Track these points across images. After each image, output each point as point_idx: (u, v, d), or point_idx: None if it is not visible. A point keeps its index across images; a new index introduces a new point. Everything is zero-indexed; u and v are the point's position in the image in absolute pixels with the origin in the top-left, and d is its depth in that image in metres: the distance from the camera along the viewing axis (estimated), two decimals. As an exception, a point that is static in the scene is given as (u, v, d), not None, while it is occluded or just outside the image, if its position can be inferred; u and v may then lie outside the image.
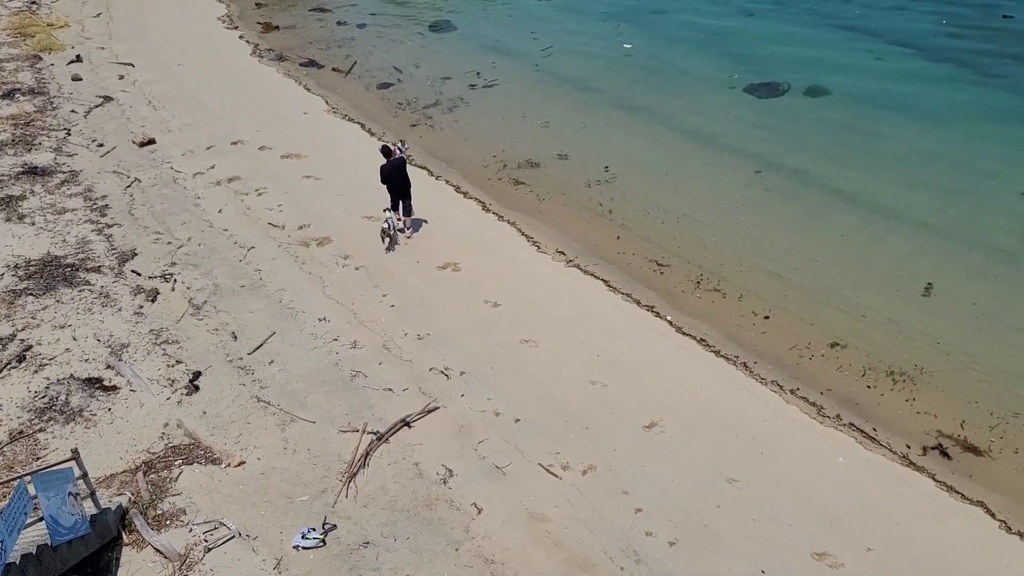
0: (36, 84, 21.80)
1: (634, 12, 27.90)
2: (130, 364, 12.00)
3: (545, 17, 28.38)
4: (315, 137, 20.05)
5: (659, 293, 14.58)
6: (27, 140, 18.51)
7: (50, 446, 10.46)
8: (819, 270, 14.77)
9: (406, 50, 26.31)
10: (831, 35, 24.48)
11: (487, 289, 14.32)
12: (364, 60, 25.66)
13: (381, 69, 24.91)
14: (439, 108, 22.09)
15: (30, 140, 18.55)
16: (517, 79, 23.60)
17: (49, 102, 20.81)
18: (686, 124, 20.19)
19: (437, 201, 17.46)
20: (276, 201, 17.04)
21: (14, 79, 21.87)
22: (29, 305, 13.10)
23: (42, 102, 20.74)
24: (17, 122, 19.32)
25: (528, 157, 19.24)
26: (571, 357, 12.60)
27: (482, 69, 24.19)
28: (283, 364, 12.31)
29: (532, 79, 23.61)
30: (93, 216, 15.91)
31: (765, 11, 26.89)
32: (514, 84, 23.27)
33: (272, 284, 14.27)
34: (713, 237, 15.92)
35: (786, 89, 21.37)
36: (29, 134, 18.82)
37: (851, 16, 25.56)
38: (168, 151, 18.98)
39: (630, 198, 17.37)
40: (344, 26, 28.83)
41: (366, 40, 27.45)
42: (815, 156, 18.24)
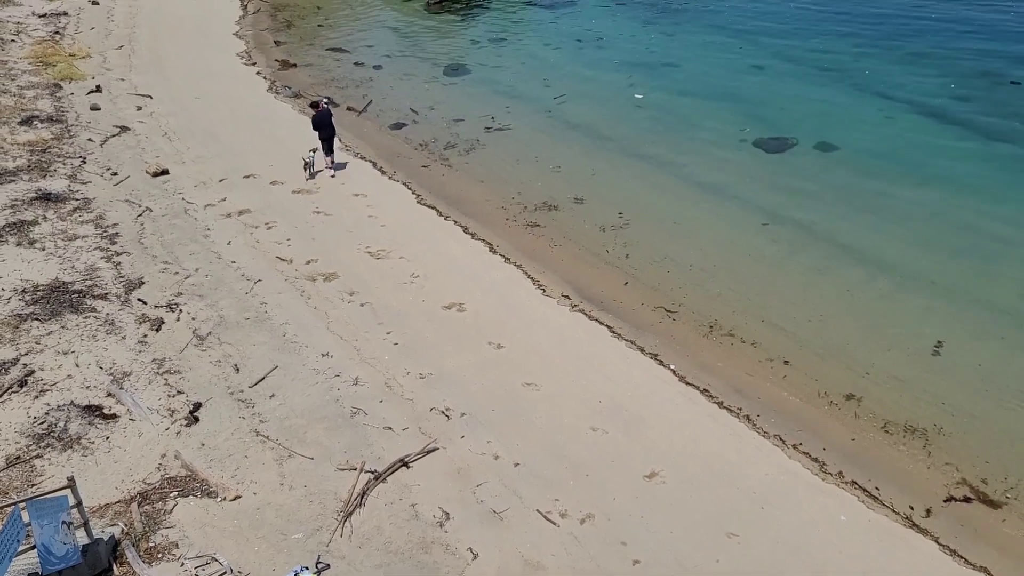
0: (55, 112, 22.11)
1: (646, 64, 28.27)
2: (131, 393, 11.97)
3: (558, 65, 28.79)
4: (326, 173, 20.22)
5: (664, 341, 14.54)
6: (43, 166, 18.72)
7: (46, 473, 10.39)
8: (825, 325, 14.74)
9: (421, 92, 26.67)
10: (840, 93, 24.75)
11: (491, 330, 14.31)
12: (379, 100, 26.02)
13: (396, 110, 25.24)
14: (454, 150, 22.32)
15: (46, 166, 18.76)
16: (530, 124, 23.87)
17: (67, 130, 21.09)
18: (695, 174, 20.35)
19: (445, 241, 17.56)
20: (285, 235, 17.15)
21: (33, 106, 22.20)
22: (34, 330, 13.12)
23: (60, 130, 21.02)
24: (34, 148, 19.56)
25: (542, 200, 19.39)
26: (573, 402, 12.54)
27: (496, 113, 24.48)
28: (284, 398, 12.27)
29: (545, 124, 23.88)
30: (103, 243, 16.01)
31: (775, 67, 27.23)
32: (527, 129, 23.53)
33: (277, 318, 14.29)
34: (719, 288, 15.93)
35: (795, 144, 21.56)
36: (45, 160, 19.04)
37: (860, 75, 25.88)
38: (181, 182, 19.17)
39: (639, 245, 17.44)
40: (361, 66, 29.28)
41: (382, 81, 27.85)
42: (822, 211, 18.32)
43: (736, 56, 28.51)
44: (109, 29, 30.75)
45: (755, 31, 30.91)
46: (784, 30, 30.88)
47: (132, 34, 30.52)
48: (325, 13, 36.26)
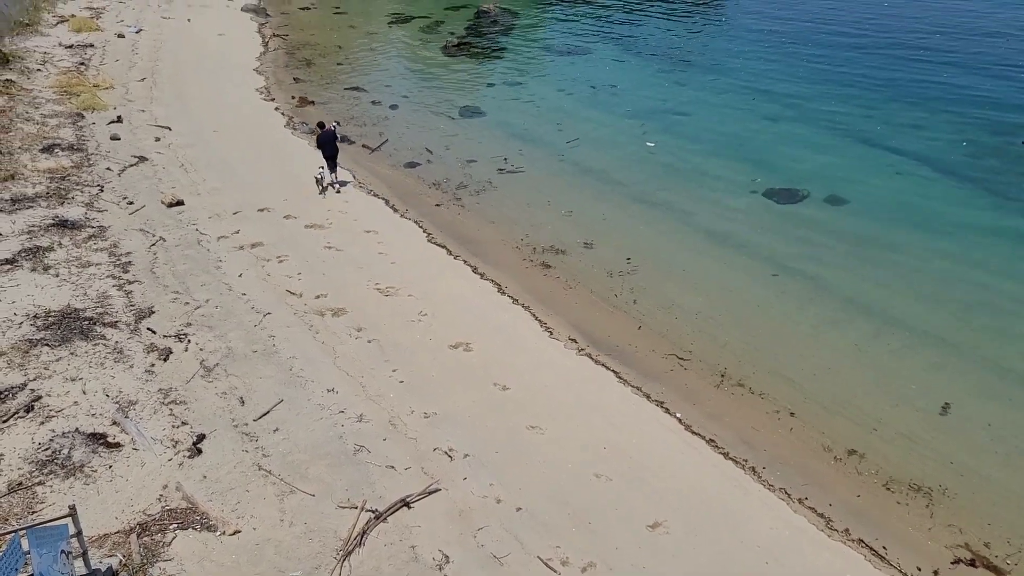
0: (76, 140, 22.46)
1: (659, 112, 28.61)
2: (136, 422, 11.98)
3: (571, 110, 29.15)
4: (340, 209, 20.42)
5: (670, 389, 14.50)
6: (61, 194, 18.97)
7: (47, 500, 10.36)
8: (833, 378, 14.68)
9: (436, 132, 27.01)
10: (852, 148, 24.93)
11: (497, 372, 14.31)
12: (395, 139, 26.36)
13: (410, 149, 25.54)
14: (466, 190, 22.53)
15: (64, 194, 19.01)
16: (542, 167, 24.10)
17: (86, 158, 21.40)
18: (705, 223, 20.45)
19: (454, 280, 17.65)
20: (296, 269, 17.26)
21: (55, 134, 22.56)
22: (44, 355, 13.18)
23: (80, 158, 21.33)
24: (53, 176, 19.84)
25: (551, 243, 19.50)
26: (577, 447, 12.47)
27: (509, 155, 24.75)
28: (288, 433, 12.24)
29: (557, 168, 24.10)
30: (116, 271, 16.15)
31: (787, 120, 27.50)
32: (539, 172, 23.75)
33: (284, 351, 14.32)
34: (727, 337, 15.92)
35: (805, 196, 21.68)
36: (64, 188, 19.29)
37: (872, 130, 26.10)
38: (195, 213, 19.37)
39: (647, 291, 17.48)
40: (377, 106, 29.71)
41: (398, 120, 28.24)
42: (832, 264, 18.36)
43: (748, 108, 28.82)
44: (133, 61, 31.34)
45: (768, 85, 31.27)
46: (797, 85, 31.21)
47: (155, 67, 31.09)
48: (345, 53, 36.91)
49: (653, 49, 37.07)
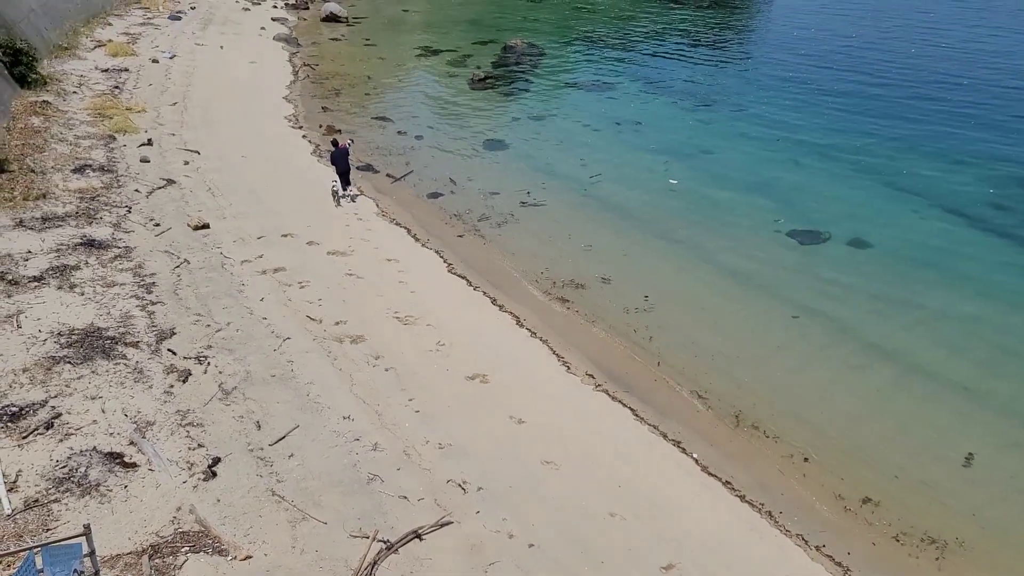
0: (107, 162, 22.87)
1: (682, 149, 28.71)
2: (153, 443, 12.04)
3: (595, 145, 29.32)
4: (362, 237, 20.59)
5: (686, 428, 14.40)
6: (90, 214, 19.28)
7: (62, 518, 10.40)
8: (853, 423, 14.51)
9: (459, 163, 27.25)
10: (876, 190, 24.87)
11: (513, 404, 14.27)
12: (419, 169, 26.61)
13: (434, 179, 25.77)
14: (487, 222, 22.66)
15: (92, 214, 19.32)
16: (564, 201, 24.21)
17: (116, 180, 21.77)
18: (726, 262, 20.41)
19: (472, 311, 17.69)
20: (317, 295, 17.38)
21: (87, 155, 22.99)
22: (65, 373, 13.32)
23: (110, 179, 21.70)
24: (83, 196, 20.18)
25: (571, 277, 19.53)
26: (592, 485, 12.37)
27: (532, 188, 24.89)
28: (302, 459, 12.25)
29: (579, 203, 24.20)
30: (139, 292, 16.33)
31: (811, 161, 27.51)
32: (561, 206, 23.86)
33: (302, 377, 14.37)
34: (746, 377, 15.81)
35: (828, 238, 21.60)
36: (93, 208, 19.61)
37: (897, 174, 26.04)
38: (220, 237, 19.60)
39: (666, 329, 17.42)
40: (403, 136, 30.05)
41: (422, 151, 28.53)
42: (854, 308, 18.23)
43: (772, 148, 28.86)
44: (166, 86, 31.96)
45: (793, 125, 31.34)
46: (821, 126, 31.27)
47: (187, 92, 31.67)
48: (373, 83, 37.44)
49: (678, 87, 37.31)
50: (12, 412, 12.18)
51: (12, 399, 12.52)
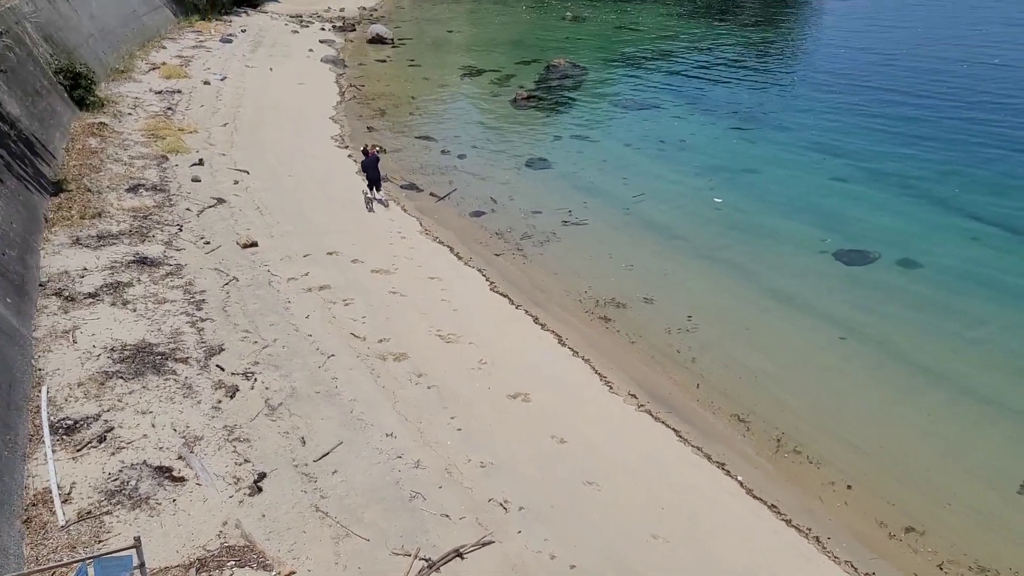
0: (159, 181, 23.50)
1: (727, 169, 28.50)
2: (200, 458, 12.27)
3: (638, 164, 29.27)
4: (405, 255, 20.82)
5: (731, 450, 14.22)
6: (143, 232, 19.81)
7: (113, 530, 10.65)
8: (903, 448, 14.19)
9: (502, 183, 27.42)
10: (925, 211, 24.37)
11: (555, 424, 14.24)
12: (462, 188, 26.85)
13: (476, 198, 25.97)
14: (529, 240, 22.75)
15: (145, 232, 19.85)
16: (606, 220, 24.19)
17: (168, 199, 22.35)
18: (771, 282, 20.17)
19: (514, 329, 17.74)
20: (361, 313, 17.59)
21: (141, 175, 23.65)
22: (118, 388, 13.66)
23: (162, 198, 22.29)
24: (137, 214, 20.75)
25: (612, 297, 19.48)
26: (634, 506, 12.28)
27: (574, 207, 24.93)
28: (346, 475, 12.37)
29: (621, 222, 24.15)
30: (190, 309, 16.70)
31: (858, 180, 27.08)
32: (603, 225, 23.84)
33: (346, 394, 14.54)
34: (792, 399, 15.57)
35: (876, 258, 21.22)
36: (145, 226, 20.15)
37: (948, 193, 25.50)
38: (268, 255, 19.97)
39: (709, 349, 17.26)
40: (446, 155, 30.37)
41: (466, 169, 28.78)
42: (903, 329, 17.85)
43: (819, 167, 28.50)
44: (216, 107, 32.79)
45: (839, 144, 30.92)
46: (869, 146, 30.78)
47: (237, 113, 32.45)
48: (417, 103, 37.95)
49: (722, 106, 37.11)
50: (67, 425, 12.53)
51: (67, 412, 12.88)
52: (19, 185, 18.53)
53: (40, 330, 15.03)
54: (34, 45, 26.45)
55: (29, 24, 27.10)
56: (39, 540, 10.31)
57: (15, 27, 25.22)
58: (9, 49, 23.09)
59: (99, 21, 35.72)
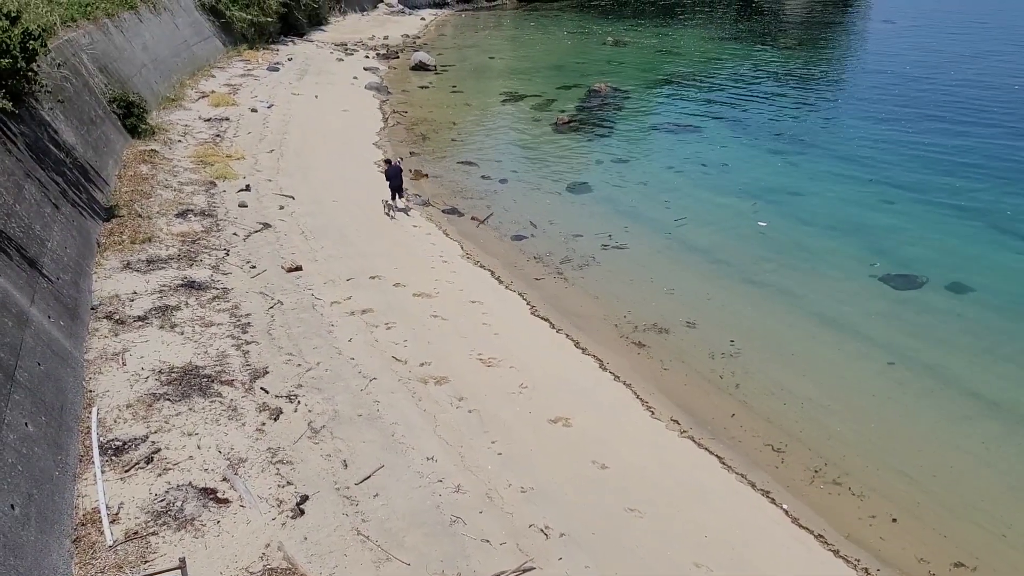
0: (207, 207, 24.03)
1: (771, 192, 28.23)
2: (244, 479, 12.41)
3: (680, 188, 29.13)
4: (446, 279, 20.94)
5: (776, 478, 13.95)
6: (191, 256, 20.24)
7: (159, 551, 10.79)
8: (956, 477, 13.78)
9: (542, 207, 27.48)
10: (976, 232, 23.83)
11: (596, 449, 14.12)
12: (502, 212, 26.97)
13: (516, 222, 26.05)
14: (569, 264, 22.73)
15: (193, 256, 20.27)
16: (648, 244, 24.08)
17: (216, 224, 22.83)
18: (817, 307, 19.84)
19: (555, 353, 17.68)
20: (402, 336, 17.70)
21: (190, 201, 24.22)
22: (165, 409, 13.91)
23: (210, 223, 22.77)
24: (185, 239, 21.22)
25: (653, 321, 19.33)
26: (677, 534, 12.09)
27: (614, 231, 24.86)
28: (387, 499, 12.39)
29: (663, 246, 24.02)
30: (235, 332, 16.97)
31: (905, 202, 26.61)
32: (644, 249, 23.73)
33: (388, 417, 14.60)
34: (839, 426, 15.24)
35: (925, 282, 20.77)
36: (193, 251, 20.59)
37: (1001, 216, 24.90)
38: (312, 279, 20.25)
39: (753, 375, 17.00)
40: (487, 180, 30.55)
41: (506, 194, 28.92)
42: (955, 355, 17.40)
43: (865, 188, 28.09)
44: (263, 134, 33.48)
45: (885, 166, 30.46)
46: (916, 167, 30.29)
47: (283, 140, 33.09)
48: (459, 129, 38.32)
49: (765, 129, 36.85)
50: (116, 446, 12.78)
51: (116, 434, 13.14)
52: (74, 211, 19.10)
53: (91, 352, 15.40)
54: (90, 75, 27.35)
55: (85, 55, 28.05)
56: (88, 560, 10.49)
57: (72, 59, 26.13)
58: (67, 80, 23.90)
59: (151, 51, 36.83)
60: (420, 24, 73.49)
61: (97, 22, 31.39)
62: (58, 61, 23.32)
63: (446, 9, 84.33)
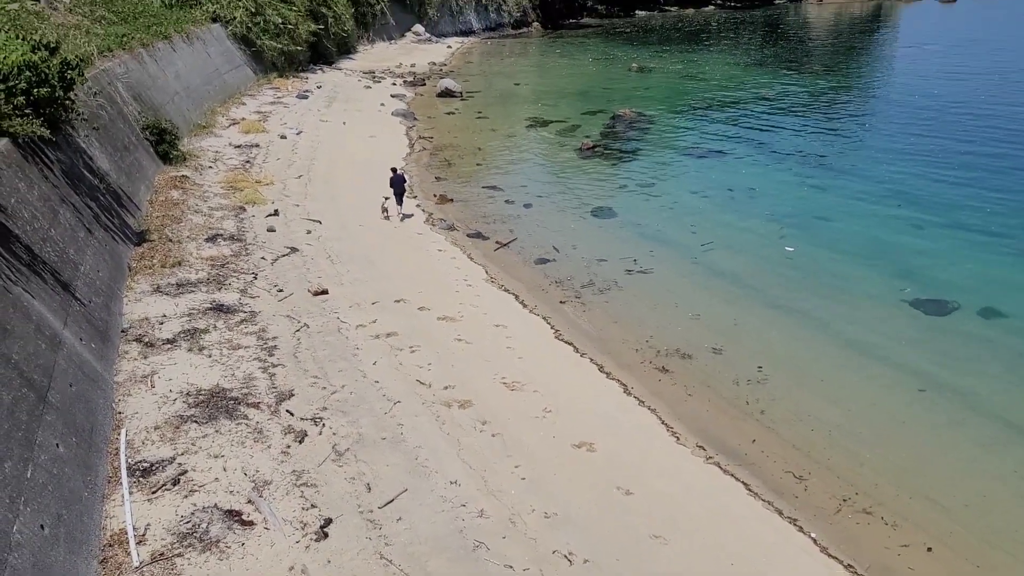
0: (236, 231, 24.36)
1: (798, 216, 28.08)
2: (269, 502, 12.46)
3: (706, 212, 29.06)
4: (471, 303, 21.01)
5: (804, 505, 13.73)
6: (220, 280, 20.50)
7: (184, 572, 10.84)
8: (989, 506, 13.49)
9: (567, 231, 27.53)
10: (1009, 257, 23.48)
11: (620, 475, 14.01)
12: (526, 237, 27.06)
13: (540, 246, 26.11)
14: (592, 288, 22.71)
15: (222, 280, 20.54)
16: (673, 269, 24.01)
17: (244, 248, 23.13)
18: (845, 332, 19.62)
19: (579, 378, 17.63)
20: (427, 360, 17.75)
21: (219, 225, 24.58)
22: (192, 431, 14.04)
23: (238, 248, 23.08)
24: (215, 263, 21.52)
25: (677, 346, 19.21)
26: (703, 561, 11.93)
27: (639, 256, 24.81)
28: (410, 523, 12.37)
29: (688, 270, 23.93)
30: (262, 355, 17.13)
31: (935, 227, 26.29)
32: (669, 273, 23.66)
33: (411, 440, 14.61)
34: (868, 454, 15.00)
35: (956, 308, 20.47)
36: (222, 275, 20.86)
37: (1030, 242, 24.58)
38: (337, 302, 20.41)
39: (781, 401, 16.81)
40: (511, 204, 30.70)
41: (530, 219, 29.02)
42: (987, 382, 17.09)
43: (893, 215, 27.83)
44: (292, 160, 33.98)
45: (913, 192, 30.18)
46: (946, 192, 29.98)
47: (311, 165, 33.55)
48: (484, 154, 38.62)
49: (792, 154, 36.72)
50: (144, 468, 12.90)
51: (144, 455, 13.27)
52: (106, 236, 19.46)
53: (121, 374, 15.61)
54: (124, 103, 27.98)
55: (121, 84, 28.72)
56: (114, 580, 10.57)
57: (108, 87, 26.76)
58: (102, 108, 24.46)
59: (184, 80, 37.62)
60: (447, 52, 74.41)
61: (132, 52, 32.16)
62: (94, 90, 23.88)
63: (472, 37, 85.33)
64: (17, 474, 9.98)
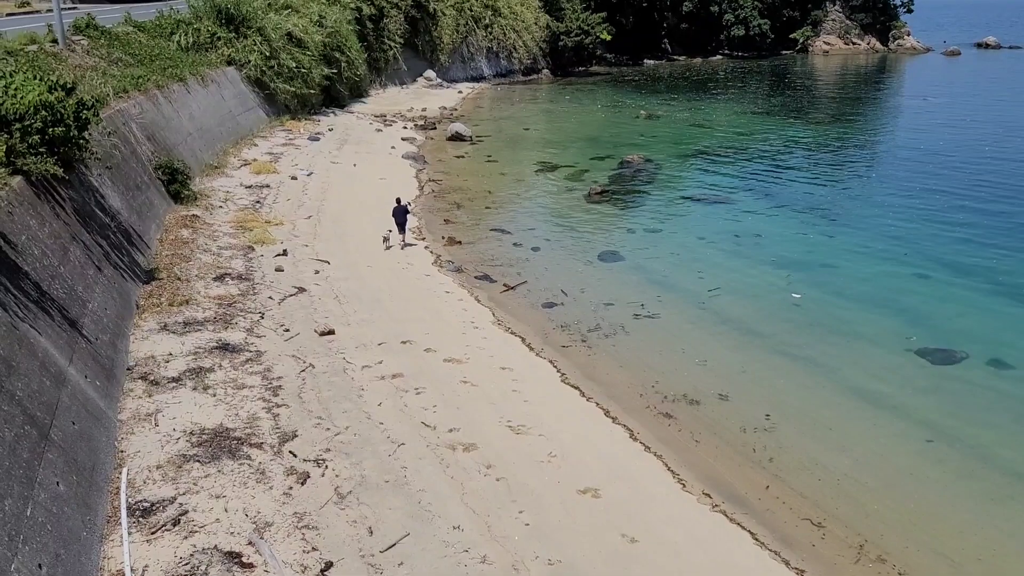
0: (245, 271, 24.49)
1: (805, 264, 28.11)
2: (270, 544, 12.32)
3: (713, 258, 29.13)
4: (477, 345, 20.98)
5: (810, 555, 13.54)
6: (226, 319, 20.56)
7: (181, 614, 10.70)
8: (999, 560, 13.26)
9: (574, 275, 27.59)
10: (1015, 309, 23.42)
11: (626, 522, 13.84)
12: (534, 280, 27.11)
13: (547, 290, 26.14)
14: (598, 332, 22.68)
15: (228, 319, 20.59)
16: (679, 314, 23.98)
17: (252, 287, 23.23)
18: (853, 381, 19.51)
19: (585, 423, 17.51)
20: (432, 402, 17.67)
21: (228, 265, 24.72)
22: (194, 471, 13.95)
23: (246, 287, 23.18)
24: (222, 302, 21.59)
25: (684, 392, 19.12)
26: (708, 614, 11.71)
27: (646, 301, 24.81)
28: (412, 568, 12.20)
29: (695, 316, 23.91)
30: (266, 395, 17.09)
31: (942, 276, 26.28)
32: (676, 319, 23.63)
33: (415, 483, 14.48)
34: (876, 504, 14.80)
35: (964, 357, 20.36)
36: (229, 314, 20.92)
37: (1038, 291, 24.51)
38: (344, 343, 20.40)
39: (788, 450, 16.66)
40: (519, 247, 30.82)
41: (538, 262, 29.11)
42: (995, 433, 16.93)
43: (900, 262, 27.86)
44: (302, 201, 34.26)
45: (920, 241, 30.22)
46: (953, 241, 30.02)
47: (321, 206, 33.82)
48: (493, 197, 38.91)
49: (798, 201, 36.90)
50: (144, 507, 12.80)
51: (145, 494, 13.18)
52: (115, 273, 19.59)
53: (125, 412, 15.58)
54: (138, 143, 28.38)
55: (135, 124, 29.16)
56: (110, 622, 10.42)
57: (122, 127, 27.17)
58: (116, 147, 24.81)
59: (198, 121, 38.16)
60: (457, 97, 75.36)
61: (148, 93, 32.70)
62: (109, 129, 24.24)
63: (483, 83, 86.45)
64: (17, 512, 9.91)
